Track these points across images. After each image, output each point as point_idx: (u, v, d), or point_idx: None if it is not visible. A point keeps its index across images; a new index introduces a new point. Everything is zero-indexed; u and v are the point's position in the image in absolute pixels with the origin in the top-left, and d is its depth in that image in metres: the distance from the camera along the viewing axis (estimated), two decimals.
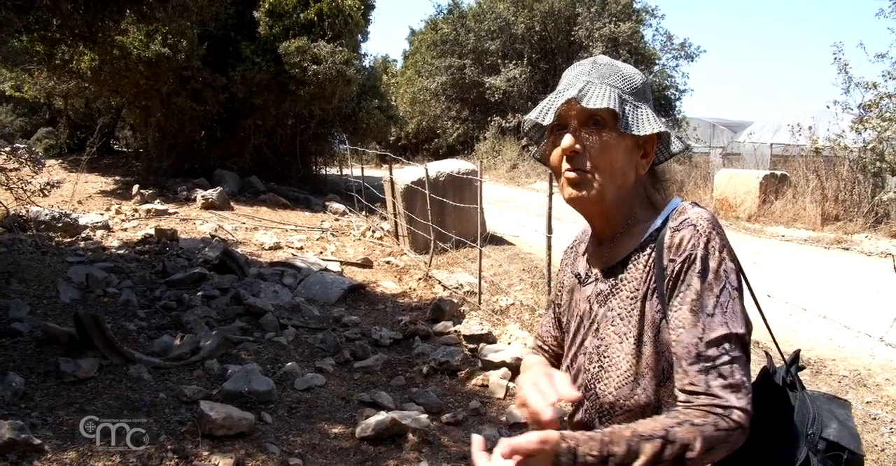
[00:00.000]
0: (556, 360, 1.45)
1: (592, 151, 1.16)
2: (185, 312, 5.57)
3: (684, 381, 1.06)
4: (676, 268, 1.10)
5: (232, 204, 12.38)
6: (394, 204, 10.26)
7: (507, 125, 27.21)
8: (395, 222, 10.36)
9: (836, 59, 10.72)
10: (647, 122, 1.17)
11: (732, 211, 12.18)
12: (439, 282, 7.71)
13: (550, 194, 5.31)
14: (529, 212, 12.51)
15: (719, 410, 1.01)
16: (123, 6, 6.82)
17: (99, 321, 4.40)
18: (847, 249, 4.74)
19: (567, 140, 1.17)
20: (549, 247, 5.43)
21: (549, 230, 5.36)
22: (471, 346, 5.44)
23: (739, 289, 1.10)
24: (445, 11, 31.43)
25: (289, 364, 4.65)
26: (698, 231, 1.11)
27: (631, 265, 1.20)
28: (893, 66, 10.28)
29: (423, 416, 3.92)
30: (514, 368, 4.87)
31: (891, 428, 3.82)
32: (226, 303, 5.99)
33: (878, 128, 9.86)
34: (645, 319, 1.15)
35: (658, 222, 1.20)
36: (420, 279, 8.07)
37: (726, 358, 1.04)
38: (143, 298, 6.01)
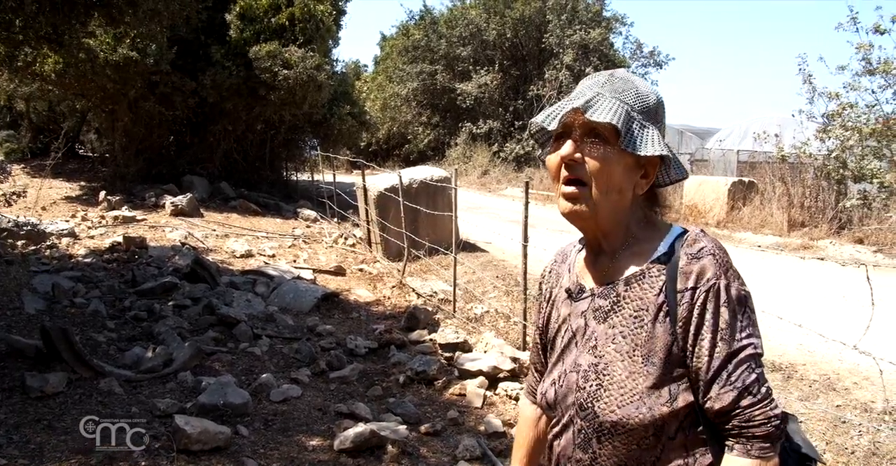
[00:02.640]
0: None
1: (591, 163, 1.16)
2: (157, 323, 5.46)
3: (716, 405, 1.12)
4: (702, 297, 1.13)
5: (202, 210, 12.21)
6: (366, 211, 10.21)
7: (479, 131, 27.34)
8: (368, 229, 10.31)
9: (800, 69, 10.99)
10: (650, 144, 1.16)
11: (701, 217, 12.36)
12: (413, 290, 7.68)
13: (527, 203, 5.32)
14: (501, 219, 12.55)
15: (757, 424, 1.10)
16: (91, 9, 6.68)
17: (67, 333, 4.29)
18: (822, 259, 4.82)
19: (567, 148, 1.18)
20: (525, 256, 5.43)
21: (526, 239, 5.37)
22: (447, 355, 5.41)
23: (755, 311, 1.16)
24: (417, 17, 31.51)
25: (264, 375, 4.57)
26: (717, 261, 1.14)
27: (635, 284, 1.20)
28: (854, 77, 10.55)
29: (402, 427, 3.89)
30: (492, 377, 4.86)
31: (859, 431, 3.89)
32: (198, 313, 5.89)
33: (841, 138, 10.11)
34: (656, 340, 1.15)
35: (664, 245, 1.21)
36: (394, 287, 8.03)
37: (753, 376, 1.12)
38: (112, 308, 5.88)
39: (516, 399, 4.62)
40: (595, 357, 1.21)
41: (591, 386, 1.20)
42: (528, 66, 28.30)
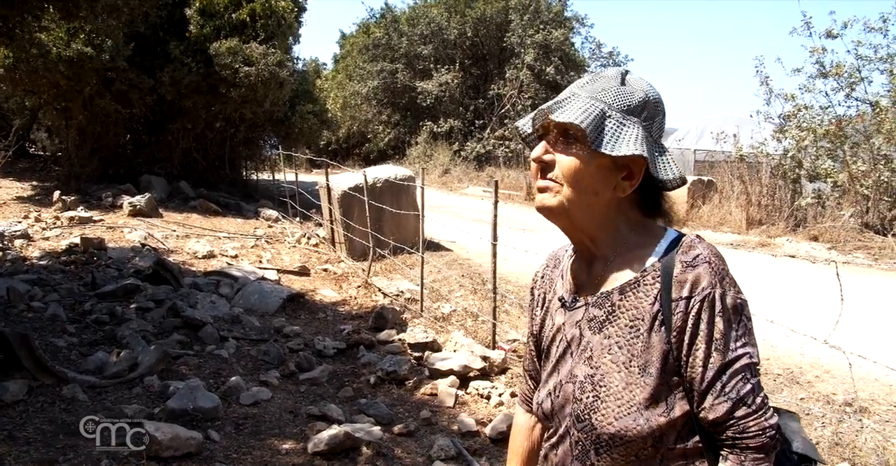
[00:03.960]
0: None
1: (560, 164, 1.16)
2: (120, 326, 5.33)
3: (710, 415, 1.11)
4: (696, 306, 1.10)
5: (161, 211, 11.95)
6: (330, 210, 10.12)
7: (439, 130, 27.34)
8: (332, 229, 10.22)
9: (758, 71, 11.29)
10: (626, 143, 1.12)
11: None
12: (379, 290, 7.65)
13: (496, 201, 5.34)
14: (464, 218, 12.58)
15: (751, 436, 1.10)
16: (46, 2, 6.48)
17: (27, 338, 4.15)
18: (793, 256, 4.95)
19: (538, 149, 1.19)
20: (495, 255, 5.45)
21: (495, 238, 5.39)
22: (416, 355, 5.41)
23: (751, 319, 1.14)
24: (378, 15, 31.35)
25: (233, 378, 4.50)
26: (713, 269, 1.12)
27: (630, 292, 1.17)
28: (808, 80, 10.87)
29: (376, 428, 3.87)
30: (463, 376, 4.87)
31: (822, 423, 4.00)
32: (162, 316, 5.77)
33: (796, 138, 10.40)
34: (651, 349, 1.13)
35: (659, 251, 1.18)
36: (359, 286, 7.98)
37: (748, 387, 1.10)
38: (71, 312, 5.71)
39: (488, 397, 4.64)
40: (591, 368, 1.19)
41: (587, 398, 1.18)
42: (488, 65, 28.42)
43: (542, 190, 1.19)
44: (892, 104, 10.17)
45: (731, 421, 1.09)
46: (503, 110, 25.99)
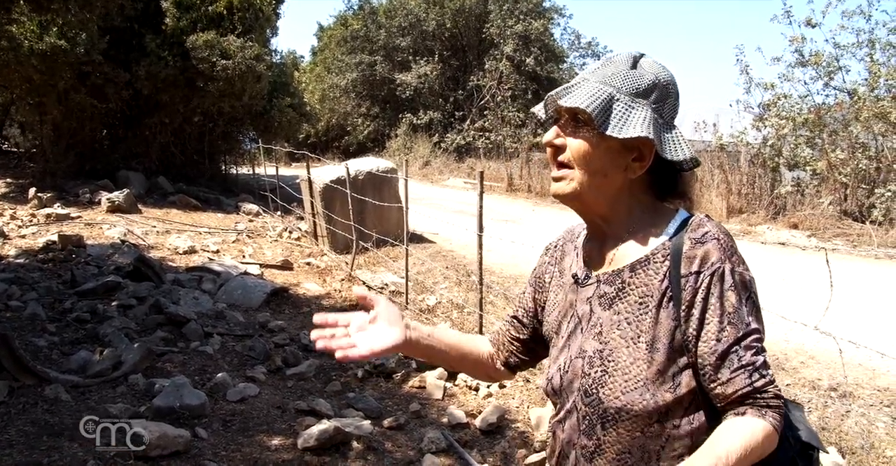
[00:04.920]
0: (525, 330, 1.45)
1: (570, 147, 1.19)
2: (101, 324, 5.24)
3: (729, 389, 1.10)
4: (706, 281, 1.12)
5: (140, 206, 11.79)
6: (312, 203, 10.05)
7: (419, 122, 27.25)
8: (314, 222, 10.15)
9: (738, 60, 11.36)
10: (633, 125, 1.14)
11: None
12: (363, 283, 7.61)
13: (481, 192, 5.31)
14: (446, 209, 12.55)
15: (771, 397, 1.10)
16: None
17: (7, 338, 4.06)
18: (784, 244, 5.00)
19: (549, 133, 1.23)
20: (481, 246, 5.43)
21: (481, 229, 5.37)
22: None
23: (758, 297, 1.16)
24: (356, 7, 31.12)
25: (219, 374, 4.45)
26: (722, 245, 1.14)
27: (640, 270, 1.19)
28: (788, 68, 10.96)
29: (366, 422, 3.85)
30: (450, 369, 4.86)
31: (809, 408, 4.05)
32: (144, 313, 5.68)
33: (776, 126, 10.48)
34: (659, 326, 1.14)
35: (670, 231, 1.20)
36: (343, 280, 7.94)
37: (762, 358, 1.12)
38: (51, 311, 5.60)
39: (476, 389, 4.63)
40: (600, 343, 1.21)
41: (595, 372, 1.20)
42: (468, 56, 28.34)
43: (557, 179, 1.23)
44: (870, 92, 10.29)
45: (750, 390, 1.09)
46: (483, 101, 25.91)
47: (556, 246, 1.44)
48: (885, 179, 9.95)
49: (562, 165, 1.22)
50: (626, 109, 1.16)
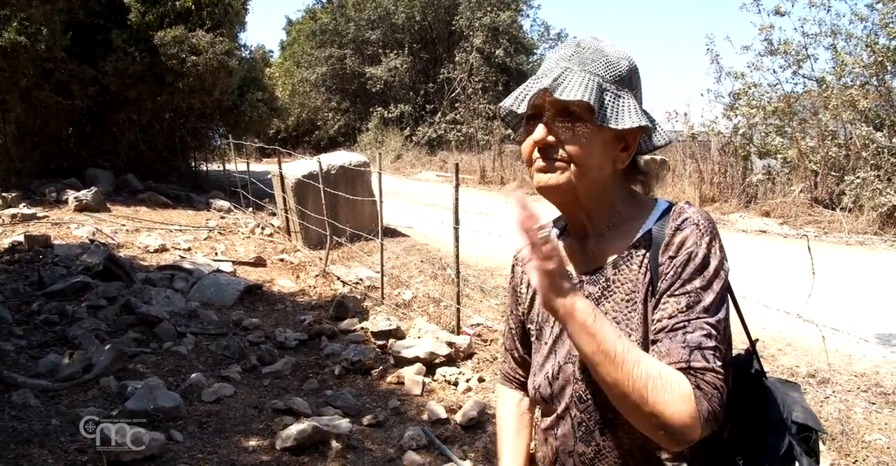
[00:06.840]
0: (528, 352, 1.38)
1: (566, 144, 1.11)
2: (71, 326, 5.12)
3: (663, 360, 1.02)
4: (679, 262, 1.06)
5: (108, 205, 11.55)
6: (284, 199, 9.95)
7: (390, 115, 27.13)
8: (287, 218, 10.05)
9: (708, 50, 11.43)
10: (627, 115, 1.10)
11: None
12: (338, 278, 7.55)
13: (457, 185, 5.28)
14: (419, 203, 12.49)
15: (695, 373, 1.00)
16: None
17: None
18: (765, 232, 5.02)
19: (539, 132, 1.12)
20: (457, 239, 5.40)
21: (457, 222, 5.34)
22: (380, 343, 5.35)
23: (730, 288, 1.10)
24: (324, 0, 30.81)
25: (193, 375, 4.37)
26: (700, 230, 1.09)
27: (623, 266, 1.15)
28: (757, 57, 11.07)
29: (344, 421, 3.80)
30: (429, 363, 4.83)
31: None
32: (115, 313, 5.57)
33: (746, 115, 10.58)
34: (648, 321, 1.10)
35: (650, 222, 1.16)
36: (317, 275, 7.87)
37: (710, 343, 1.02)
38: (18, 313, 5.47)
39: (455, 384, 4.61)
40: None
41: (589, 377, 1.14)
42: (437, 49, 28.23)
43: (544, 170, 1.13)
44: (838, 80, 10.43)
45: (685, 367, 1.00)
46: (454, 94, 25.84)
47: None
48: (854, 166, 10.08)
49: (554, 162, 1.13)
50: (615, 98, 1.11)
